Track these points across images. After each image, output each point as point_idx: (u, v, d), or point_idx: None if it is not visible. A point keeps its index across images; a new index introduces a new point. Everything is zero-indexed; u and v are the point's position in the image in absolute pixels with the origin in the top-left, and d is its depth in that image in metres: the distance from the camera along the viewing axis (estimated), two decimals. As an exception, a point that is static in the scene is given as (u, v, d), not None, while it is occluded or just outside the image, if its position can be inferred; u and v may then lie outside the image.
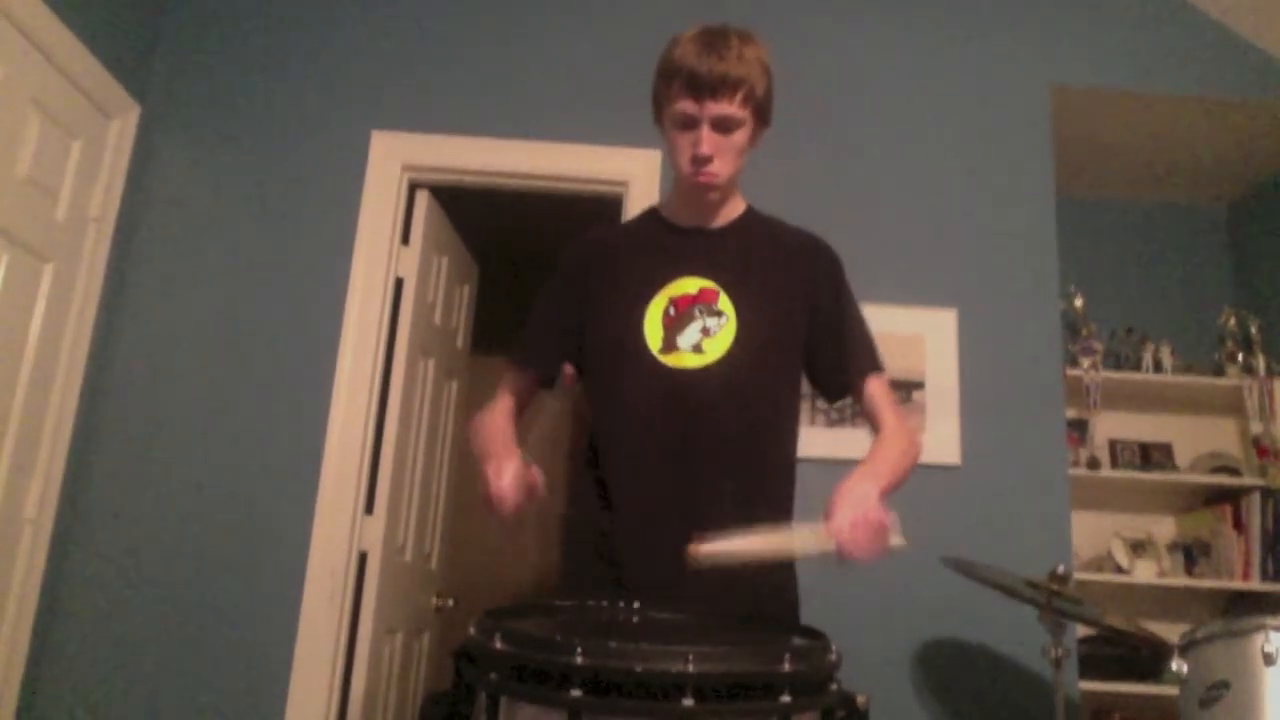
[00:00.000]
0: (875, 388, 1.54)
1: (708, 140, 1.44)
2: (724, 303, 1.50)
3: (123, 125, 2.73)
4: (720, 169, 1.47)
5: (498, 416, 1.56)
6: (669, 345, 1.48)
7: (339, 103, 2.89)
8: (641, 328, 1.49)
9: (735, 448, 1.47)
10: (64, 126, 2.47)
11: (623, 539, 1.46)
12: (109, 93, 2.64)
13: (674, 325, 1.49)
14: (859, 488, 1.27)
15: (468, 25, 2.97)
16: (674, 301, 1.51)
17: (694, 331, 1.49)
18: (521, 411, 1.62)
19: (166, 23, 2.92)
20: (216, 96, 2.88)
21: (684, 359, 1.47)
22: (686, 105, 1.43)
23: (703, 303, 1.50)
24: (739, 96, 1.43)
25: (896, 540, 1.23)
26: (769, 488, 1.51)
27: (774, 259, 1.56)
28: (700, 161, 1.45)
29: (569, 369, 1.58)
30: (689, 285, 1.51)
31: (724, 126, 1.44)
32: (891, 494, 1.34)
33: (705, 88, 1.41)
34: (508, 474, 1.32)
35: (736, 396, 1.46)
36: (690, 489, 1.44)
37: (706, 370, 1.47)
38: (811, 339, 1.55)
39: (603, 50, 2.94)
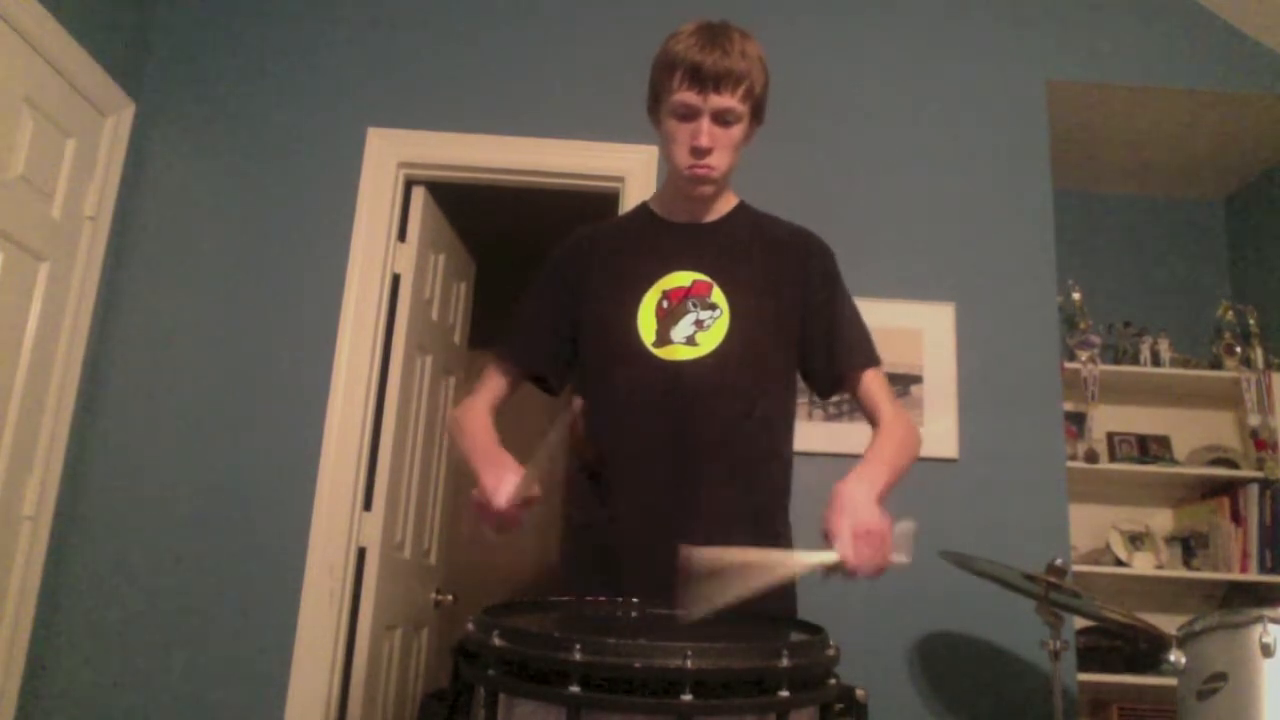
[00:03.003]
0: (871, 381, 1.54)
1: (708, 132, 1.44)
2: (717, 295, 1.50)
3: (118, 123, 2.72)
4: (718, 162, 1.47)
5: (479, 421, 1.52)
6: (663, 338, 1.48)
7: (335, 100, 2.88)
8: (635, 321, 1.49)
9: (730, 440, 1.47)
10: (59, 125, 2.47)
11: (619, 533, 1.46)
12: (104, 90, 2.63)
13: (667, 318, 1.49)
14: (857, 494, 1.25)
15: (463, 22, 2.96)
16: (667, 295, 1.50)
17: (687, 324, 1.48)
18: (501, 405, 1.59)
19: (161, 20, 2.91)
20: (212, 94, 2.88)
21: (678, 351, 1.47)
22: (689, 96, 1.43)
23: (696, 295, 1.50)
24: (740, 90, 1.43)
25: (899, 557, 1.20)
26: (765, 479, 1.50)
27: (766, 253, 1.56)
28: (699, 153, 1.45)
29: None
30: (682, 278, 1.51)
31: (724, 120, 1.45)
32: (890, 490, 1.34)
33: (709, 80, 1.41)
34: (507, 490, 1.27)
35: (730, 388, 1.46)
36: (686, 482, 1.44)
37: (700, 362, 1.46)
38: (804, 333, 1.54)
39: (599, 46, 2.94)
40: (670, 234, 1.57)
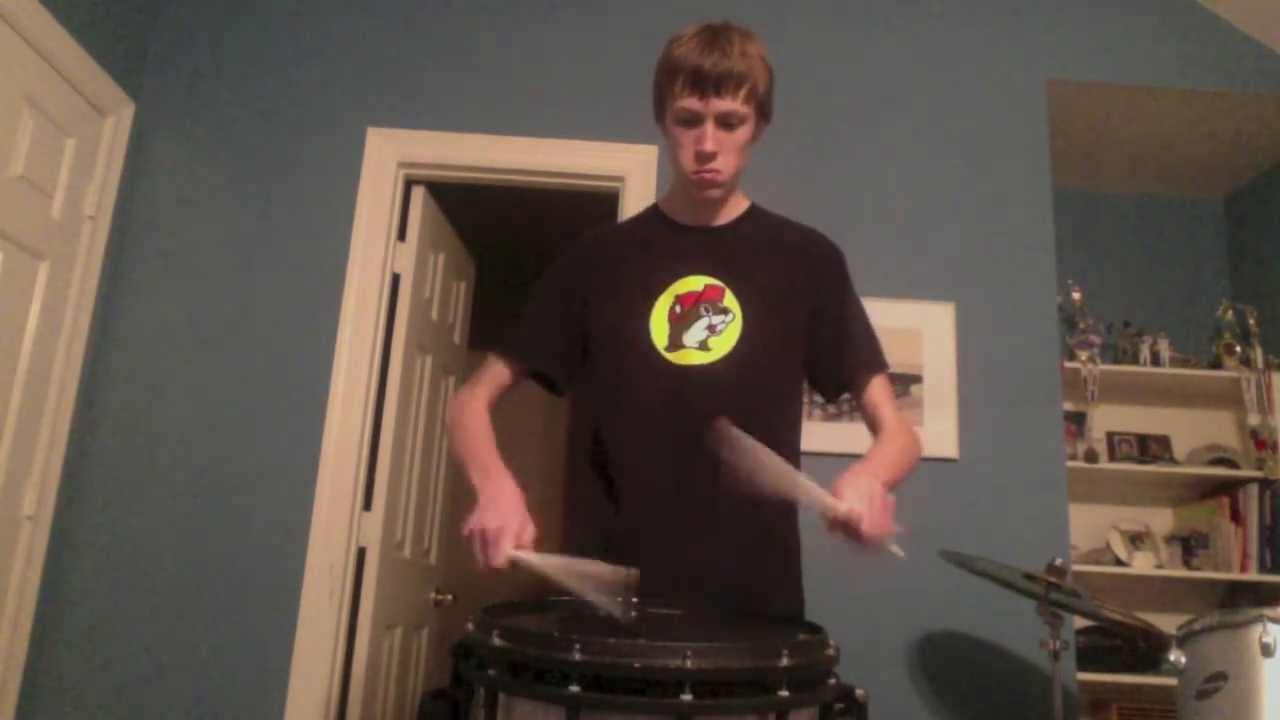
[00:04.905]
0: (876, 386, 1.54)
1: (712, 137, 1.43)
2: (730, 300, 1.50)
3: (117, 123, 2.72)
4: (723, 166, 1.46)
5: (478, 422, 1.51)
6: (675, 343, 1.48)
7: (334, 99, 2.88)
8: (648, 325, 1.49)
9: None
10: (59, 124, 2.47)
11: (628, 536, 1.45)
12: (104, 90, 2.63)
13: (680, 323, 1.49)
14: (861, 478, 1.26)
15: (463, 21, 2.96)
16: (680, 299, 1.50)
17: (700, 329, 1.48)
18: (500, 399, 1.59)
19: (161, 20, 2.91)
20: (211, 94, 2.88)
21: (690, 356, 1.47)
22: (691, 102, 1.42)
23: (708, 300, 1.50)
24: (743, 92, 1.42)
25: (895, 547, 1.21)
26: None
27: (778, 256, 1.56)
28: (704, 158, 1.44)
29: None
30: (694, 283, 1.51)
31: (728, 123, 1.44)
32: (891, 490, 1.33)
33: (710, 84, 1.40)
34: (505, 552, 1.22)
35: (743, 393, 1.46)
36: (697, 485, 1.44)
37: (713, 367, 1.46)
38: (813, 336, 1.54)
39: (599, 46, 2.94)
40: (682, 237, 1.56)
